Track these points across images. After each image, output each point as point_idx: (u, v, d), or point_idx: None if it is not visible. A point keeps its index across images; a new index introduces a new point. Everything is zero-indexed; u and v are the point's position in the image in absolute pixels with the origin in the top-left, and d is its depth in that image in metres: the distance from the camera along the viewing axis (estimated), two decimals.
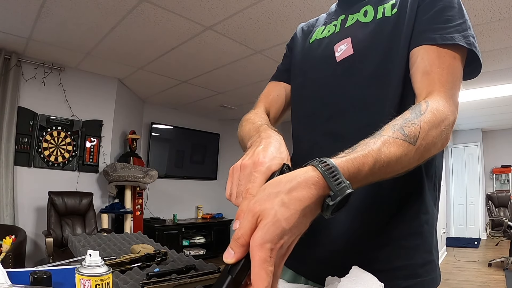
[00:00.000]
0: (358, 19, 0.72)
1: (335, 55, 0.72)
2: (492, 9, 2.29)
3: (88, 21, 2.66)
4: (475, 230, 6.95)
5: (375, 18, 0.69)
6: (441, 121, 0.53)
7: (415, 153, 0.49)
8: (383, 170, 0.47)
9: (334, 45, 0.73)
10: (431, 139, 0.51)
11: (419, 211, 0.64)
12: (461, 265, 4.55)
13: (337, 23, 0.78)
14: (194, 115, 5.82)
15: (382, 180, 0.49)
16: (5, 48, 3.23)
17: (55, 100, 3.64)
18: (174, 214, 5.21)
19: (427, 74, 0.59)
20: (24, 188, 3.42)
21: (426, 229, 0.64)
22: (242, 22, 2.61)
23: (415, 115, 0.52)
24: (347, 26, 0.74)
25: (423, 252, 0.63)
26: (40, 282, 0.69)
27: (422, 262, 0.63)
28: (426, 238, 0.64)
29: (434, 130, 0.51)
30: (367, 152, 0.45)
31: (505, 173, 6.78)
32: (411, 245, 0.63)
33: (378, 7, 0.70)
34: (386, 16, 0.68)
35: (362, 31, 0.69)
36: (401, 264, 0.62)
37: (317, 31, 0.82)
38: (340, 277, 0.54)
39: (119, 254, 1.10)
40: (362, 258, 0.61)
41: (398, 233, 0.63)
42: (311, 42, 0.82)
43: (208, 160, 6.03)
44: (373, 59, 0.66)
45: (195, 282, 0.81)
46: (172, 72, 3.83)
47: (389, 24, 0.66)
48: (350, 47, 0.70)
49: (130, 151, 4.36)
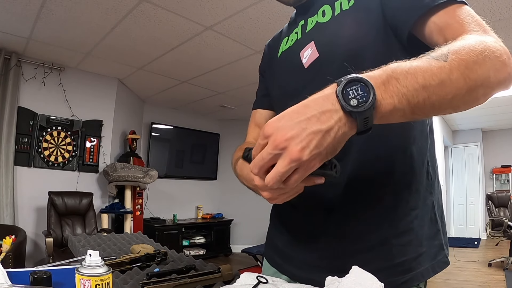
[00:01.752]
0: (318, 20, 0.71)
1: (302, 63, 0.71)
2: (492, 9, 2.29)
3: (88, 21, 2.66)
4: (475, 230, 6.95)
5: (333, 15, 0.68)
6: (474, 45, 0.46)
7: (452, 70, 0.43)
8: (409, 81, 0.42)
9: (300, 52, 0.72)
10: (469, 57, 0.44)
11: (409, 207, 0.65)
12: (461, 265, 4.54)
13: (298, 29, 0.76)
14: (194, 115, 5.82)
15: (424, 114, 0.45)
16: (5, 48, 3.23)
17: (55, 100, 3.64)
18: (174, 214, 5.21)
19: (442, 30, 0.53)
20: (24, 188, 3.42)
21: (416, 224, 0.65)
22: (242, 22, 2.61)
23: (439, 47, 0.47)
24: (308, 30, 0.72)
25: (415, 246, 0.65)
26: (40, 282, 0.69)
27: (416, 255, 0.64)
28: (417, 232, 0.65)
29: (467, 49, 0.45)
30: (391, 69, 0.43)
31: (505, 173, 6.79)
32: (404, 242, 0.64)
33: (335, 3, 0.68)
34: (344, 10, 0.66)
35: (324, 31, 0.68)
36: (397, 261, 0.63)
37: (282, 44, 0.82)
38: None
39: (119, 254, 1.10)
40: (358, 260, 0.62)
41: (391, 232, 0.64)
42: (279, 56, 0.82)
43: (208, 160, 6.03)
44: (340, 56, 0.64)
45: (195, 282, 0.81)
46: (172, 72, 3.83)
47: (349, 16, 0.65)
48: (315, 50, 0.68)
49: (130, 151, 4.36)
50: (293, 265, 0.75)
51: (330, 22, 0.68)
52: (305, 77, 0.70)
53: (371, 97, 0.40)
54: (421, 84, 0.42)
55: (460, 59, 0.44)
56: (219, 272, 0.86)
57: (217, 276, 0.84)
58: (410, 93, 0.42)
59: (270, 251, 0.85)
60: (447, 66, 0.43)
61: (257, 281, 0.71)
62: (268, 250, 0.86)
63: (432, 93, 0.43)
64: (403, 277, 0.63)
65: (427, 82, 0.42)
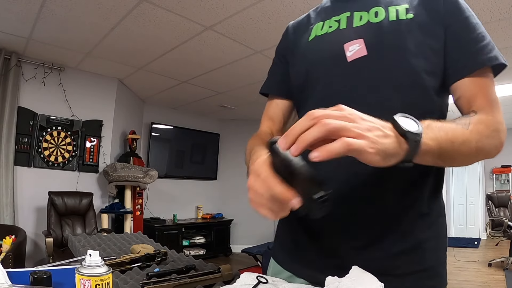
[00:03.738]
0: (369, 20, 0.69)
1: (345, 54, 0.69)
2: (492, 9, 2.29)
3: (88, 21, 2.66)
4: (475, 230, 6.95)
5: (387, 19, 0.67)
6: (489, 122, 0.60)
7: (470, 135, 0.56)
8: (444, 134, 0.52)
9: (344, 44, 0.70)
10: (483, 130, 0.58)
11: (437, 214, 0.68)
12: (461, 265, 4.54)
13: (340, 19, 0.74)
14: (194, 115, 5.82)
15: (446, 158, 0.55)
16: (5, 48, 3.23)
17: (55, 100, 3.64)
18: (174, 214, 5.21)
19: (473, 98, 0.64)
20: (24, 188, 3.42)
21: (444, 232, 0.69)
22: (242, 22, 2.61)
23: (464, 117, 0.60)
24: (356, 25, 0.71)
25: (442, 251, 0.68)
26: (40, 282, 0.69)
27: (443, 260, 0.68)
28: (445, 239, 0.69)
29: (483, 125, 0.58)
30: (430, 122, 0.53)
31: (505, 173, 6.78)
32: (433, 247, 0.66)
33: (389, 7, 0.68)
34: (401, 19, 0.66)
35: (376, 32, 0.68)
36: (428, 266, 0.65)
37: (315, 28, 0.77)
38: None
39: (119, 254, 1.10)
40: (388, 262, 0.64)
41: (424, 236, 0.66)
42: (310, 40, 0.77)
43: (208, 160, 6.03)
44: (389, 62, 0.65)
45: (195, 282, 0.81)
46: (172, 72, 3.83)
47: (405, 27, 0.65)
48: (364, 48, 0.67)
49: (130, 151, 4.36)
50: (314, 268, 0.71)
51: (383, 26, 0.67)
52: (348, 70, 0.68)
53: (420, 127, 0.49)
54: (450, 138, 0.53)
55: (477, 131, 0.57)
56: (219, 272, 0.86)
57: (217, 276, 0.84)
58: (443, 141, 0.52)
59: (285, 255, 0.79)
60: (467, 133, 0.56)
61: (257, 281, 0.71)
62: (283, 253, 0.80)
63: (456, 146, 0.54)
64: (431, 281, 0.65)
65: (454, 138, 0.54)
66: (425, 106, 0.64)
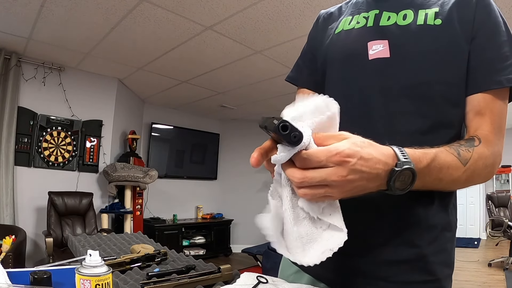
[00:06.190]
0: (397, 22, 0.69)
1: (367, 52, 0.69)
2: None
3: (88, 21, 2.66)
4: (475, 230, 6.95)
5: (415, 22, 0.66)
6: (487, 158, 0.60)
7: (464, 173, 0.57)
8: (435, 174, 0.54)
9: (368, 42, 0.70)
10: (478, 167, 0.59)
11: (445, 228, 0.67)
12: (461, 265, 4.54)
13: (368, 15, 0.73)
14: (194, 115, 5.82)
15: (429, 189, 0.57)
16: (5, 48, 3.23)
17: (55, 100, 3.64)
18: (174, 214, 5.21)
19: (480, 115, 0.64)
20: (24, 188, 3.42)
21: (449, 247, 0.68)
22: (242, 22, 2.61)
23: (469, 144, 0.59)
24: (383, 25, 0.70)
25: (448, 269, 0.68)
26: (40, 282, 0.69)
27: (446, 274, 0.67)
28: (450, 253, 0.68)
29: (481, 162, 0.59)
30: (426, 151, 0.53)
31: (505, 173, 6.78)
32: (441, 261, 0.66)
33: (419, 10, 0.67)
34: (428, 24, 0.65)
35: (401, 36, 0.67)
36: (430, 278, 0.65)
37: (344, 21, 0.77)
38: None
39: (119, 254, 1.10)
40: (398, 268, 0.64)
41: (427, 248, 0.65)
42: (337, 32, 0.78)
43: (208, 160, 6.03)
44: (411, 68, 0.64)
45: (195, 282, 0.81)
46: (172, 72, 3.83)
47: (432, 34, 0.64)
48: (387, 49, 0.67)
49: (130, 151, 4.36)
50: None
51: (410, 30, 0.66)
52: (367, 66, 0.68)
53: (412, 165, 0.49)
54: (440, 178, 0.55)
55: (474, 169, 0.58)
56: (219, 272, 0.86)
57: (217, 276, 0.85)
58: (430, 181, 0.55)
59: None
60: (462, 170, 0.57)
61: (257, 281, 0.71)
62: None
63: (442, 184, 0.57)
64: None
65: (444, 177, 0.56)
66: (437, 116, 0.64)
